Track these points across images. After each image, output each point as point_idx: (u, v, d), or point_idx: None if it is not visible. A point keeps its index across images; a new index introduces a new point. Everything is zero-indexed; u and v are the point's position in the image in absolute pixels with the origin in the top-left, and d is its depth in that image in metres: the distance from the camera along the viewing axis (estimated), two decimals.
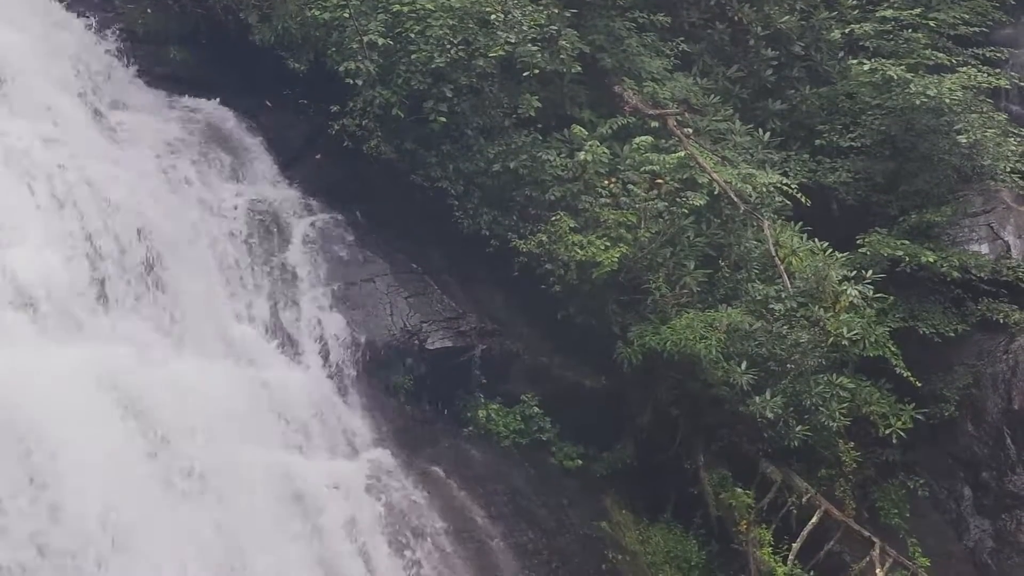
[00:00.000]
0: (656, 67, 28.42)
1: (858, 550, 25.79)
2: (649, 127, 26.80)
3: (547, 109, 26.39)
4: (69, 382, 19.65)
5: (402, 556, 22.03)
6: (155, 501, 19.74)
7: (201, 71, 26.19)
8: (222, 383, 21.93)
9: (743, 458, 26.05)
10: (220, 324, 23.00)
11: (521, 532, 23.66)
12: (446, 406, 24.94)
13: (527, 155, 25.65)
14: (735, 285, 26.01)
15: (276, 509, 20.98)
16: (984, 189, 30.28)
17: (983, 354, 28.74)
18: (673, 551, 25.49)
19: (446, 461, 24.05)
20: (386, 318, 24.51)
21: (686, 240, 25.75)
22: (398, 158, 25.36)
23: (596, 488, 25.54)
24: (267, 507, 20.90)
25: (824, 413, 25.14)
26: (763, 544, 25.27)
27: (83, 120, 23.70)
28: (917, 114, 28.89)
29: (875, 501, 27.67)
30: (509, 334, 25.54)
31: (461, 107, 25.53)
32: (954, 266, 28.02)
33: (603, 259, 24.81)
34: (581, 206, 25.52)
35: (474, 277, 26.04)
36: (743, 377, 24.75)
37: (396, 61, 25.33)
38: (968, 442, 28.46)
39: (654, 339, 24.95)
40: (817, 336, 25.12)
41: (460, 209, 25.56)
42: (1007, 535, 27.76)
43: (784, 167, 28.38)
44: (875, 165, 29.56)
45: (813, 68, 30.98)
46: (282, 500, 21.17)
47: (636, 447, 26.00)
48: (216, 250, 23.57)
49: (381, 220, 25.65)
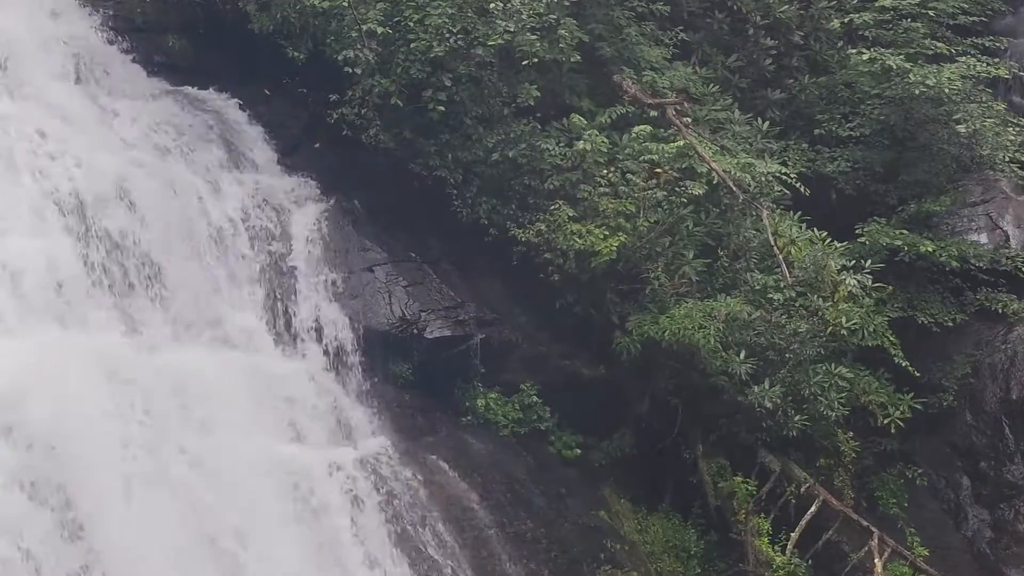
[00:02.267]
0: (655, 56, 28.40)
1: (856, 540, 25.80)
2: (648, 116, 26.78)
3: (546, 98, 26.37)
4: (65, 370, 19.71)
5: (401, 544, 22.07)
6: (154, 489, 19.79)
7: (200, 60, 26.18)
8: (220, 372, 21.97)
9: (742, 448, 26.06)
10: (218, 313, 23.01)
11: (520, 521, 23.71)
12: (445, 395, 24.95)
13: (526, 144, 25.64)
14: (734, 275, 26.01)
15: (275, 497, 21.02)
16: (983, 179, 30.26)
17: (982, 344, 28.73)
18: (671, 540, 25.52)
19: (445, 450, 24.09)
20: (385, 307, 24.51)
21: (685, 229, 25.75)
22: (397, 147, 25.36)
23: (595, 477, 25.56)
24: (266, 495, 20.94)
25: (823, 403, 25.15)
26: (761, 533, 25.30)
27: (81, 108, 23.70)
28: (916, 104, 28.87)
29: (874, 491, 27.67)
30: (508, 323, 25.55)
31: (460, 96, 25.52)
32: (953, 256, 27.99)
33: (602, 248, 24.81)
34: (580, 195, 25.52)
35: (473, 266, 26.03)
36: (742, 367, 24.75)
37: (395, 50, 25.32)
38: (966, 432, 28.45)
39: (653, 328, 24.95)
40: (816, 326, 25.12)
41: (459, 198, 25.56)
42: (1005, 525, 27.76)
43: (783, 156, 28.36)
44: (874, 155, 29.54)
45: (812, 57, 30.96)
46: (281, 488, 21.21)
47: (635, 436, 26.01)
48: (215, 238, 23.55)
49: (380, 209, 25.63)
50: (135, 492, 19.50)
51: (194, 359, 21.87)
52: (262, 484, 20.94)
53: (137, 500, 19.43)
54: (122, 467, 19.56)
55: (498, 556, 22.98)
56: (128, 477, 19.55)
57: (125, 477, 19.52)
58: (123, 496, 19.35)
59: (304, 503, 21.44)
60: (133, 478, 19.59)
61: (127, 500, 19.35)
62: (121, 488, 19.39)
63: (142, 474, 19.71)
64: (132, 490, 19.49)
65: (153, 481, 19.78)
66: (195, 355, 22.02)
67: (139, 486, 19.59)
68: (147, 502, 19.48)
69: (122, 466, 19.57)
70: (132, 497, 19.43)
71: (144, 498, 19.45)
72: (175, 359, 21.63)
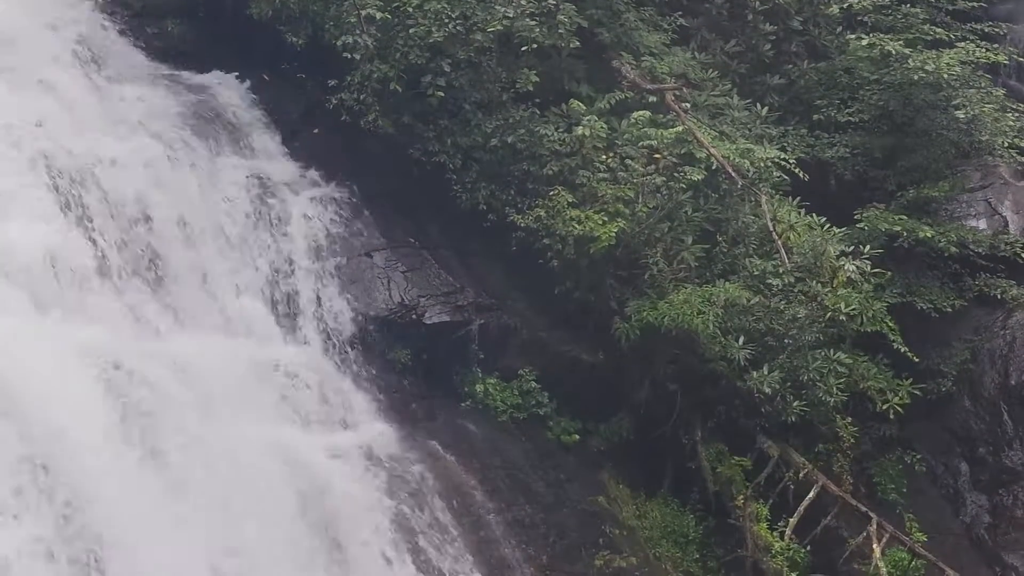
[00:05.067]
0: (654, 42, 28.37)
1: (855, 525, 25.80)
2: (647, 102, 26.75)
3: (545, 84, 26.34)
4: (65, 356, 19.70)
5: (399, 528, 22.08)
6: (152, 476, 19.79)
7: (199, 45, 26.18)
8: (221, 358, 21.98)
9: (740, 433, 26.07)
10: (219, 299, 23.03)
11: (519, 506, 23.72)
12: (444, 381, 24.97)
13: (525, 130, 25.63)
14: (733, 260, 25.99)
15: (275, 483, 21.02)
16: (982, 164, 30.28)
17: (980, 329, 28.76)
18: (670, 526, 25.54)
19: (444, 435, 24.10)
20: (384, 292, 24.54)
21: (684, 215, 25.73)
22: (396, 133, 25.35)
23: (593, 463, 25.58)
24: (266, 481, 20.93)
25: (821, 388, 25.13)
26: (760, 519, 25.31)
27: (81, 93, 23.70)
28: (915, 89, 28.84)
29: (872, 476, 27.71)
30: (507, 309, 25.55)
31: (459, 82, 25.51)
32: (952, 241, 27.98)
33: (601, 234, 24.80)
34: (579, 181, 25.50)
35: (471, 252, 26.04)
36: (741, 352, 24.75)
37: (394, 35, 25.30)
38: (965, 417, 28.48)
39: (652, 314, 24.95)
40: (815, 311, 25.12)
41: (458, 184, 25.56)
42: (1004, 510, 27.80)
43: (782, 142, 28.32)
44: (873, 140, 29.51)
45: (811, 43, 30.90)
46: (281, 474, 21.20)
47: (634, 422, 26.02)
48: (214, 224, 23.55)
49: (379, 194, 25.64)
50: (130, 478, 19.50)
51: (194, 345, 21.86)
52: (261, 469, 20.93)
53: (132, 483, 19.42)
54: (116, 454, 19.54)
55: (497, 541, 23.00)
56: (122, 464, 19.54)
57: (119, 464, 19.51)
58: (119, 479, 19.33)
59: (303, 488, 21.42)
60: (128, 465, 19.58)
61: (122, 482, 19.32)
62: (115, 474, 19.37)
63: (137, 460, 19.69)
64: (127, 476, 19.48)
65: (149, 467, 19.78)
66: (195, 341, 22.01)
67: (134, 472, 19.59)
68: (142, 485, 19.47)
69: (116, 452, 19.55)
70: (128, 479, 19.41)
71: (139, 481, 19.45)
72: (175, 346, 21.63)
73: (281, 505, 20.88)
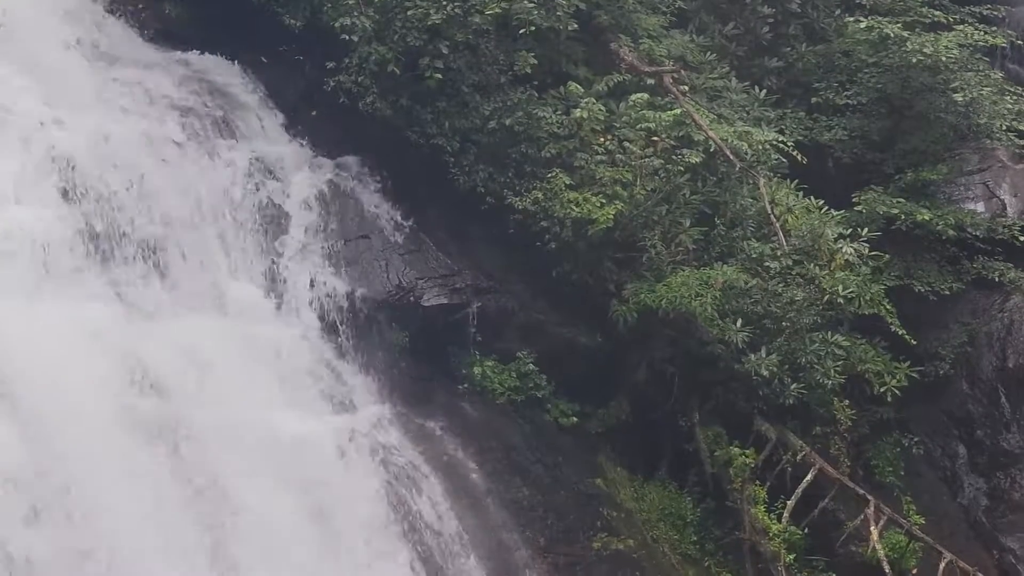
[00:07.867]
0: (652, 24, 28.38)
1: (852, 508, 25.86)
2: (645, 84, 26.76)
3: (543, 66, 26.33)
4: (61, 337, 19.72)
5: (397, 510, 22.12)
6: (149, 458, 19.83)
7: (196, 27, 26.08)
8: (218, 339, 21.99)
9: (738, 416, 26.08)
10: (216, 281, 23.02)
11: (516, 488, 23.75)
12: (441, 363, 24.99)
13: (523, 112, 25.61)
14: (731, 243, 26.02)
15: (272, 465, 21.04)
16: (980, 147, 30.31)
17: (978, 312, 28.81)
18: (668, 508, 25.58)
19: (442, 417, 24.13)
20: (381, 275, 24.53)
21: (682, 198, 25.73)
22: (394, 115, 25.30)
23: (591, 445, 25.60)
24: (263, 463, 20.96)
25: (819, 371, 25.18)
26: (757, 502, 25.36)
27: (78, 75, 23.66)
28: (913, 72, 28.83)
29: (870, 459, 27.76)
30: (504, 291, 25.56)
31: (457, 64, 25.47)
32: (950, 224, 28.02)
33: (598, 216, 24.80)
34: (577, 163, 25.50)
35: (469, 234, 26.03)
36: (738, 335, 24.78)
37: (392, 17, 25.24)
38: (963, 400, 28.55)
39: (649, 297, 24.95)
40: (812, 294, 25.16)
41: (456, 166, 25.52)
42: (1001, 493, 27.87)
43: (780, 125, 28.34)
44: (871, 123, 29.54)
45: (809, 26, 30.92)
46: (278, 456, 21.22)
47: (631, 404, 26.04)
48: (212, 206, 23.52)
49: (377, 177, 25.62)
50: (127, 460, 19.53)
51: (192, 327, 21.87)
52: (259, 451, 20.96)
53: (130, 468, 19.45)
54: (113, 435, 19.57)
55: (494, 523, 23.03)
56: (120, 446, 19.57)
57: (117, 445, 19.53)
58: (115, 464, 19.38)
59: (300, 470, 21.44)
60: (126, 447, 19.61)
61: (119, 469, 19.37)
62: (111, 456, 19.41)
63: (134, 443, 19.73)
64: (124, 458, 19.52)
65: (146, 449, 19.82)
66: (193, 323, 22.01)
67: (132, 454, 19.62)
68: (141, 469, 19.51)
69: (114, 434, 19.58)
70: (125, 466, 19.46)
71: (138, 462, 19.49)
72: (173, 327, 21.64)
73: (277, 486, 20.91)
